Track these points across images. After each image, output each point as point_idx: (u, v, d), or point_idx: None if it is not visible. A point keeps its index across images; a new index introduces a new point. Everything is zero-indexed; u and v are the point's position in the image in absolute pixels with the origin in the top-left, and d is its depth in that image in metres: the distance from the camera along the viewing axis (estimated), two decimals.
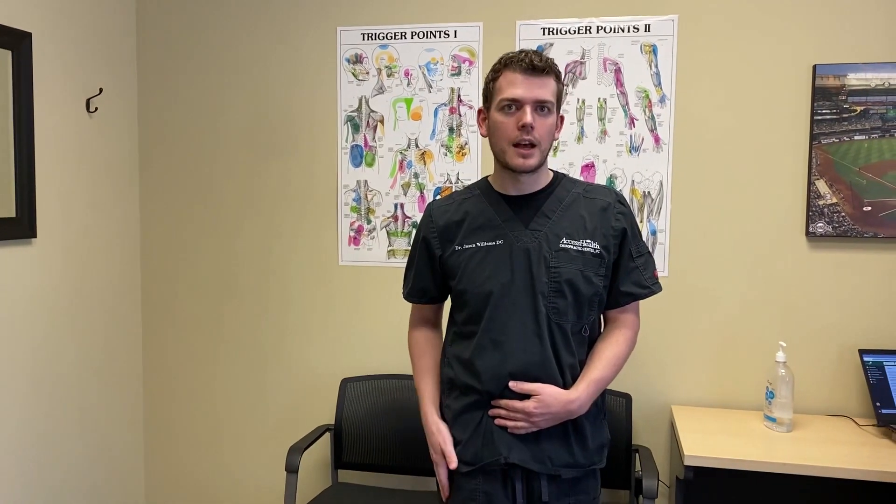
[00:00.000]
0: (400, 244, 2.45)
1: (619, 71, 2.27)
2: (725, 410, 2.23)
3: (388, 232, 2.46)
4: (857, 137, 2.13)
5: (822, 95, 2.15)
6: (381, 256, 2.47)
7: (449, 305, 1.62)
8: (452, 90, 2.38)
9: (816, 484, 1.91)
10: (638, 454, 2.15)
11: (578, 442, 1.46)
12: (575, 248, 1.46)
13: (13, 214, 2.08)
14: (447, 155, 2.40)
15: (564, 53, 2.29)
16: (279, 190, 2.54)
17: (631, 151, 2.29)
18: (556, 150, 2.31)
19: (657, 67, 2.25)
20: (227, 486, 2.65)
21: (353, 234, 2.48)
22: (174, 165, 2.62)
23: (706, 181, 2.25)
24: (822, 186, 2.16)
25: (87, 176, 2.38)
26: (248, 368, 2.60)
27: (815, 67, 2.15)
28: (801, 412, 2.16)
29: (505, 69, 1.44)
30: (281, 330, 2.57)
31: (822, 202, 2.16)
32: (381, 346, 2.47)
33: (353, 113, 2.46)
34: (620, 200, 1.53)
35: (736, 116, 2.22)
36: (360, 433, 2.38)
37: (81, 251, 2.37)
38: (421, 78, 2.40)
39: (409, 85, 2.41)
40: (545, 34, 2.31)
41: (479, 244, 1.49)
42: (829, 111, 2.14)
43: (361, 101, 2.45)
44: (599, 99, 2.29)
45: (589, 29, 2.28)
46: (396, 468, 2.37)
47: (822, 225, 2.17)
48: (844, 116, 2.14)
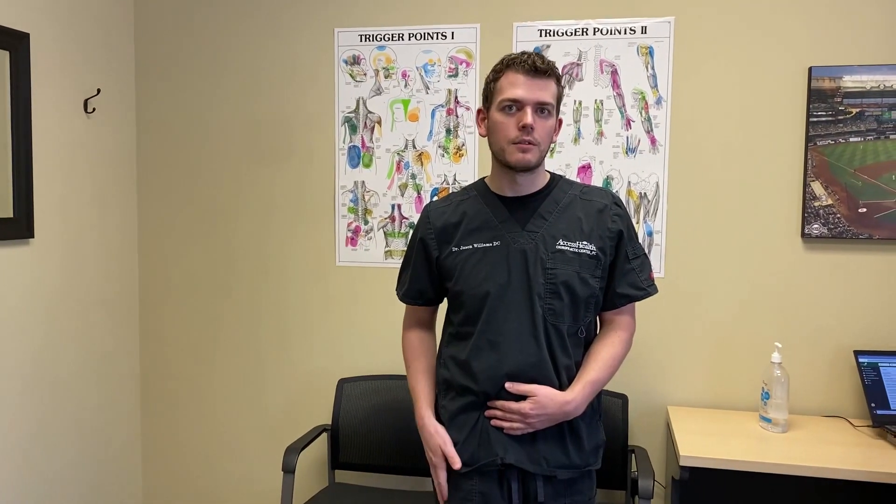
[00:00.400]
0: (397, 245, 2.45)
1: (615, 73, 2.28)
2: (721, 411, 2.24)
3: (385, 233, 2.46)
4: (852, 139, 2.14)
5: (817, 97, 2.15)
6: (378, 257, 2.47)
7: (444, 307, 1.62)
8: (450, 91, 2.39)
9: (812, 484, 1.92)
10: (634, 455, 2.16)
11: (574, 443, 1.47)
12: (571, 249, 1.46)
13: (10, 215, 2.08)
14: (444, 156, 2.41)
15: (561, 55, 2.30)
16: (277, 190, 2.54)
17: (627, 153, 2.29)
18: (552, 151, 2.32)
19: (653, 69, 2.26)
20: (224, 486, 2.66)
21: (350, 234, 2.49)
22: (172, 166, 2.62)
23: (702, 182, 2.26)
24: (817, 188, 2.17)
25: (84, 176, 2.38)
26: (245, 368, 2.61)
27: (810, 69, 2.16)
28: (796, 413, 2.16)
29: (507, 70, 1.44)
30: (278, 330, 2.57)
31: (817, 204, 2.17)
32: (378, 346, 2.47)
33: (350, 114, 2.46)
34: (617, 202, 1.54)
35: (732, 118, 2.23)
36: (357, 434, 2.38)
37: (79, 251, 2.37)
38: (418, 79, 2.41)
39: (406, 86, 2.42)
40: (542, 36, 2.32)
41: (476, 245, 1.50)
42: (824, 113, 2.15)
43: (359, 102, 2.45)
44: (596, 100, 2.30)
45: (586, 31, 2.29)
46: (393, 468, 2.37)
47: (817, 226, 2.18)
48: (840, 118, 2.15)
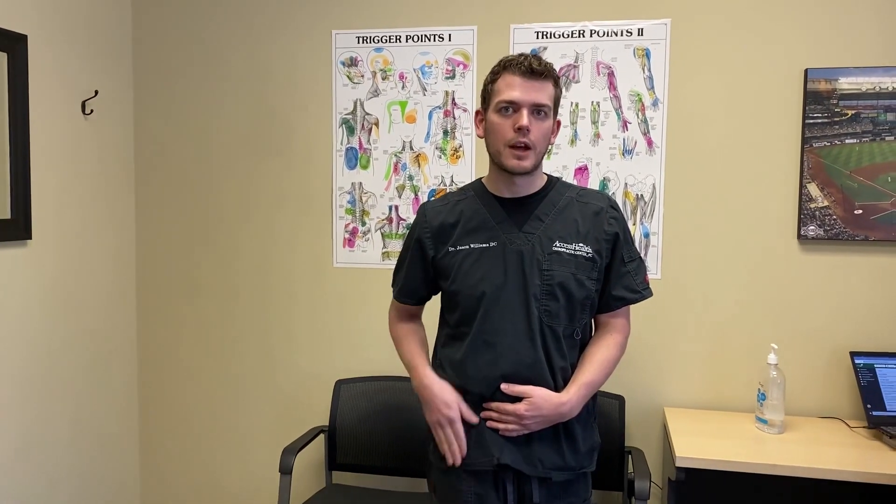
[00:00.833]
0: (394, 246, 2.45)
1: (612, 74, 2.29)
2: (717, 412, 2.25)
3: (382, 234, 2.47)
4: (848, 141, 2.15)
5: (813, 99, 2.16)
6: (375, 258, 2.48)
7: (438, 305, 1.62)
8: (447, 93, 2.39)
9: (807, 485, 1.92)
10: (631, 456, 2.16)
11: (569, 445, 1.47)
12: (567, 251, 1.47)
13: (8, 216, 2.08)
14: (441, 157, 2.41)
15: (558, 57, 2.30)
16: (274, 192, 2.54)
17: (624, 154, 2.30)
18: (549, 153, 2.32)
19: (650, 71, 2.27)
20: (221, 487, 2.66)
21: (347, 236, 2.49)
22: (169, 167, 2.62)
23: (699, 184, 2.26)
24: (813, 189, 2.18)
25: (82, 178, 2.39)
26: (242, 369, 2.61)
27: (806, 71, 2.16)
28: (792, 414, 2.17)
29: (504, 72, 1.44)
30: (275, 331, 2.58)
31: (813, 205, 2.18)
32: (375, 347, 2.47)
33: (348, 116, 2.46)
34: (613, 205, 1.54)
35: (728, 120, 2.24)
36: (354, 435, 2.39)
37: (76, 253, 2.37)
38: (415, 81, 2.41)
39: (403, 88, 2.42)
40: (539, 38, 2.32)
41: (472, 246, 1.50)
42: (820, 115, 2.16)
43: (356, 103, 2.45)
44: (593, 102, 2.30)
45: (582, 33, 2.29)
46: (390, 470, 2.37)
47: (813, 228, 2.18)
48: (836, 120, 2.15)
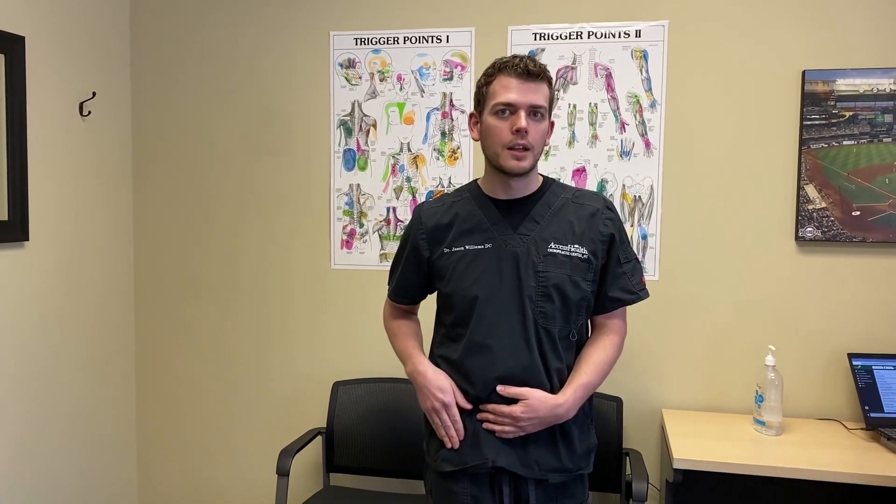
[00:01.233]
0: (392, 248, 2.45)
1: (609, 76, 2.29)
2: (715, 414, 2.24)
3: (380, 235, 2.47)
4: (845, 142, 2.15)
5: (811, 101, 2.16)
6: (373, 260, 2.47)
7: (434, 306, 1.62)
8: (444, 95, 2.39)
9: (805, 487, 1.93)
10: (628, 457, 2.16)
11: (566, 447, 1.46)
12: (563, 252, 1.47)
13: (5, 218, 2.08)
14: (439, 159, 2.41)
15: (556, 58, 2.30)
16: (272, 193, 2.54)
17: (622, 156, 2.30)
18: (547, 154, 2.32)
19: (648, 73, 2.27)
20: (218, 488, 2.65)
21: (345, 237, 2.49)
22: (167, 169, 2.62)
23: (696, 186, 2.26)
24: (811, 191, 2.18)
25: (80, 179, 2.39)
26: (239, 371, 2.61)
27: (804, 73, 2.16)
28: (790, 416, 2.17)
29: (499, 74, 1.44)
30: (273, 333, 2.57)
31: (811, 207, 2.18)
32: (373, 349, 2.47)
33: (345, 117, 2.46)
34: (609, 207, 1.54)
35: (726, 121, 2.23)
36: (351, 436, 2.38)
37: (74, 254, 2.37)
38: (413, 82, 2.41)
39: (401, 89, 2.42)
40: (537, 39, 2.32)
41: (467, 247, 1.50)
42: (818, 116, 2.16)
43: (354, 105, 2.46)
44: (590, 104, 2.30)
45: (580, 34, 2.29)
46: (388, 472, 2.37)
47: (811, 229, 2.18)
48: (833, 122, 2.15)
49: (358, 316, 2.49)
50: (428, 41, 2.39)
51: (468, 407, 1.46)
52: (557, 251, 1.46)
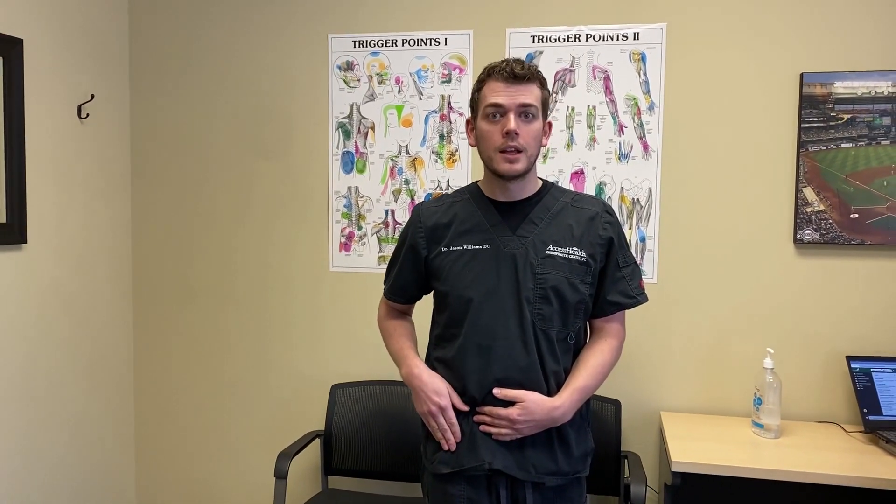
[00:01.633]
0: (391, 250, 2.42)
1: (608, 79, 2.29)
2: (714, 417, 2.24)
3: (378, 238, 2.47)
4: (843, 145, 2.15)
5: (809, 103, 2.16)
6: (371, 262, 2.47)
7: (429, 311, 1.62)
8: (443, 97, 2.39)
9: (804, 490, 1.92)
10: (627, 460, 2.16)
11: (562, 450, 1.46)
12: (561, 255, 1.47)
13: (3, 220, 2.08)
14: (438, 161, 2.41)
15: (554, 61, 2.31)
16: (271, 196, 2.54)
17: (620, 159, 2.30)
18: (545, 157, 2.33)
19: (646, 75, 2.27)
20: (216, 491, 2.65)
21: (343, 240, 2.49)
22: (165, 171, 2.62)
23: (695, 188, 2.26)
24: (809, 194, 2.18)
25: (78, 182, 2.39)
26: (237, 373, 2.61)
27: (802, 76, 2.16)
28: (788, 418, 2.16)
29: (488, 79, 1.45)
30: (271, 336, 2.57)
31: (809, 209, 2.18)
32: (371, 352, 2.47)
33: (344, 120, 2.46)
34: (608, 210, 1.54)
35: (724, 124, 2.23)
36: (349, 439, 2.38)
37: (72, 257, 2.37)
38: (412, 85, 2.41)
39: (399, 92, 2.42)
40: (535, 42, 2.32)
41: (465, 247, 1.50)
42: (816, 119, 2.16)
43: (352, 107, 2.46)
44: (589, 106, 2.30)
45: (578, 37, 2.29)
46: (386, 474, 2.36)
47: (809, 232, 2.18)
48: (831, 124, 2.15)
49: (356, 318, 2.49)
50: (426, 44, 2.40)
51: (465, 408, 1.46)
52: (556, 253, 1.47)
